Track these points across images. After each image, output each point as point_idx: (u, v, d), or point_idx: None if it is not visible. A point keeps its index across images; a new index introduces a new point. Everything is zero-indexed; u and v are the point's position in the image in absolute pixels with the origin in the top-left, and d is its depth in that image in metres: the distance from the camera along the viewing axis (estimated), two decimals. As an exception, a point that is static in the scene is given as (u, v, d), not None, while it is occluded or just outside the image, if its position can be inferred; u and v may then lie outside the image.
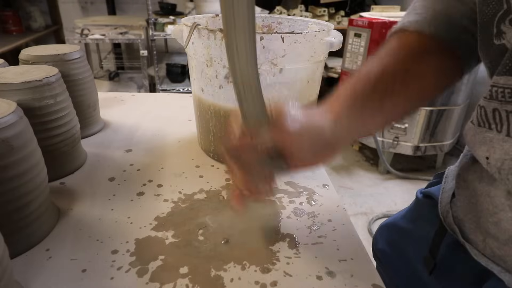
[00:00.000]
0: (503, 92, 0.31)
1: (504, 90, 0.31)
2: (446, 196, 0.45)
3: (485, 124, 0.34)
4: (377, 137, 2.04)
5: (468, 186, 0.40)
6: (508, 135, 0.31)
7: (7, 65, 0.58)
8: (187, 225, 0.46)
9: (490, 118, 0.33)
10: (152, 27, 2.34)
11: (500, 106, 0.32)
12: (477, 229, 0.39)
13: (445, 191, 0.47)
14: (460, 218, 0.42)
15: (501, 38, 0.31)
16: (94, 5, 2.99)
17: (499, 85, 0.31)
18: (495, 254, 0.37)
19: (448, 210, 0.44)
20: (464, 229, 0.41)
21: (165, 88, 2.55)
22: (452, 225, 0.43)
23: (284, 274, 0.39)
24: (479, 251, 0.39)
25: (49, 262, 0.39)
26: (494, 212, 0.36)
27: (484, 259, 0.38)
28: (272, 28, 0.66)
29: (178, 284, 0.37)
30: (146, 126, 0.74)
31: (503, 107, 0.31)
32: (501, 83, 0.31)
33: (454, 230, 0.42)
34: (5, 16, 2.57)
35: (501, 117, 0.32)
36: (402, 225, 0.56)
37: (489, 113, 0.33)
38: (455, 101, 1.93)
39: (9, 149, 0.37)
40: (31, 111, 0.47)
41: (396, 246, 0.55)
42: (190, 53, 0.56)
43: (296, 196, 0.53)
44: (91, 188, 0.53)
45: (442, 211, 0.45)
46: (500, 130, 0.32)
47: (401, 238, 0.55)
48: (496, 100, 0.32)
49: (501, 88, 0.31)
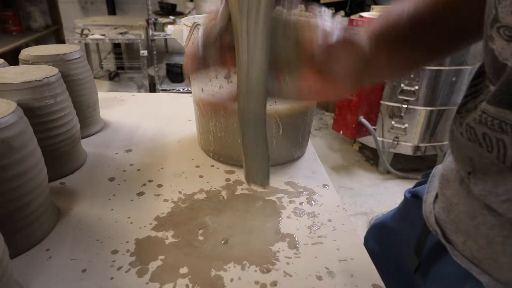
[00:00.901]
0: (492, 121, 0.30)
1: (494, 120, 0.30)
2: (430, 196, 0.45)
3: (476, 141, 0.33)
4: (377, 137, 2.04)
5: (450, 187, 0.40)
6: (498, 158, 0.31)
7: (7, 65, 0.58)
8: (187, 225, 0.46)
9: (480, 139, 0.32)
10: (152, 27, 2.34)
11: (489, 132, 0.31)
12: (458, 230, 0.39)
13: (430, 190, 0.46)
14: (442, 219, 0.41)
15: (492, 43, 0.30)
16: (94, 5, 2.99)
17: (489, 113, 0.31)
18: (474, 256, 0.37)
19: (431, 210, 0.44)
20: (446, 229, 0.41)
21: (165, 88, 2.55)
22: (434, 225, 0.42)
23: (284, 274, 0.39)
24: (460, 252, 0.38)
25: (49, 262, 0.39)
26: (474, 215, 0.35)
27: (464, 261, 0.38)
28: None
29: (178, 284, 0.37)
30: (146, 126, 0.74)
31: (492, 134, 0.31)
32: (491, 112, 0.30)
33: (436, 230, 0.42)
34: (5, 16, 2.57)
35: (492, 141, 0.31)
36: (391, 224, 0.56)
37: (479, 135, 0.32)
38: (455, 101, 1.93)
39: (9, 149, 0.37)
40: (31, 111, 0.47)
41: (385, 246, 0.55)
42: (190, 53, 0.56)
43: (296, 196, 0.53)
44: (91, 188, 0.53)
45: (425, 211, 0.45)
46: (491, 151, 0.31)
47: (390, 237, 0.55)
48: (485, 126, 0.31)
49: (490, 117, 0.30)
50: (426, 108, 1.93)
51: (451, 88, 1.89)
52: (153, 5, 2.45)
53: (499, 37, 0.29)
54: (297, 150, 0.63)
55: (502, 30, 0.28)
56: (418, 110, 1.94)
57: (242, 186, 0.55)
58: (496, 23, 0.29)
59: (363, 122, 2.00)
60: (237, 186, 0.55)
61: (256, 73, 0.31)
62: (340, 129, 2.12)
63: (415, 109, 1.94)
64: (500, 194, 0.31)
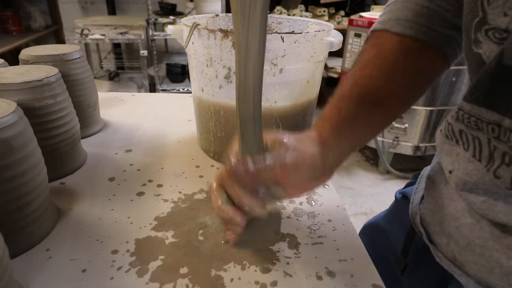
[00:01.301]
0: (468, 119, 0.30)
1: (470, 118, 0.30)
2: (417, 197, 0.45)
3: (453, 138, 0.33)
4: (377, 137, 2.04)
5: (435, 188, 0.40)
6: (474, 155, 0.31)
7: (7, 65, 0.58)
8: (187, 225, 0.46)
9: (457, 136, 0.32)
10: (152, 27, 2.34)
11: (466, 129, 0.31)
12: (441, 232, 0.39)
13: (417, 191, 0.46)
14: (427, 220, 0.42)
15: (478, 46, 0.30)
16: (94, 5, 2.99)
17: (465, 110, 0.30)
18: (456, 258, 0.37)
19: (417, 211, 0.44)
20: (430, 231, 0.41)
21: (165, 88, 2.55)
22: (419, 226, 0.42)
23: (284, 274, 0.39)
24: (443, 254, 0.39)
25: (49, 262, 0.39)
26: (456, 217, 0.36)
27: (446, 262, 0.38)
28: (272, 28, 0.66)
29: (178, 284, 0.37)
30: (146, 126, 0.74)
31: (469, 131, 0.31)
32: (467, 109, 0.30)
33: (421, 231, 0.42)
34: (5, 16, 2.57)
35: (468, 139, 0.31)
36: (382, 225, 0.56)
37: (456, 132, 0.32)
38: (455, 101, 1.93)
39: (9, 149, 0.37)
40: (31, 111, 0.47)
41: (376, 246, 0.55)
42: (190, 53, 0.56)
43: (296, 196, 0.53)
44: (91, 188, 0.53)
45: (412, 212, 0.45)
46: (467, 149, 0.31)
47: (380, 238, 0.55)
48: (462, 123, 0.31)
49: (467, 114, 0.30)
50: (426, 108, 1.93)
51: (451, 88, 1.89)
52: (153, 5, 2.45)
53: (488, 40, 0.28)
54: (297, 150, 0.63)
55: (492, 32, 0.28)
56: (418, 110, 1.94)
57: (242, 186, 0.55)
58: (483, 26, 0.28)
59: (363, 122, 1.99)
60: (237, 186, 0.55)
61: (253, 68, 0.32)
62: (340, 129, 2.12)
63: (415, 109, 1.94)
64: (479, 194, 0.31)
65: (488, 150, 0.29)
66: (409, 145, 2.03)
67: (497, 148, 0.28)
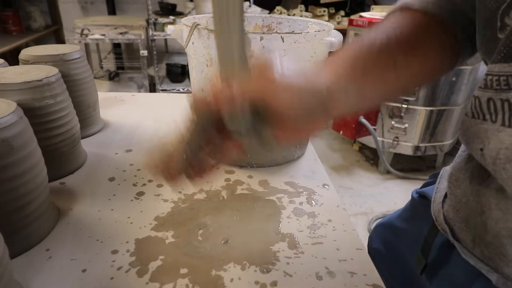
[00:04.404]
0: (498, 80, 0.30)
1: (500, 78, 0.30)
2: (439, 196, 0.45)
3: (480, 115, 0.33)
4: (377, 137, 2.04)
5: (459, 185, 0.40)
6: (503, 124, 0.31)
7: (7, 65, 0.58)
8: (187, 225, 0.46)
9: (485, 109, 0.32)
10: (152, 27, 2.34)
11: (494, 95, 0.31)
12: (466, 228, 0.39)
13: (438, 191, 0.46)
14: (451, 217, 0.41)
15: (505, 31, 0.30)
16: (94, 5, 2.99)
17: (494, 73, 0.31)
18: (483, 254, 0.37)
19: (440, 209, 0.44)
20: (455, 228, 0.41)
21: (165, 88, 2.55)
22: (443, 224, 0.42)
23: (284, 274, 0.39)
24: (469, 250, 0.38)
25: (49, 262, 0.39)
26: (482, 211, 0.35)
27: (473, 259, 0.38)
28: (272, 28, 0.66)
29: (178, 284, 0.37)
30: (146, 126, 0.74)
31: (497, 96, 0.31)
32: (495, 71, 0.30)
33: (444, 229, 0.42)
34: (5, 16, 2.57)
35: (496, 107, 0.31)
36: (397, 224, 0.56)
37: (484, 103, 0.32)
38: (455, 101, 1.93)
39: (9, 149, 0.37)
40: (31, 111, 0.47)
41: (391, 246, 0.55)
42: (190, 53, 0.56)
43: (296, 196, 0.53)
44: (91, 188, 0.53)
45: (434, 210, 0.45)
46: (495, 120, 0.31)
47: (396, 237, 0.55)
48: (491, 89, 0.31)
49: (496, 76, 0.30)
50: (426, 108, 1.93)
51: (451, 88, 1.89)
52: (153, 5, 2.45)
53: None
54: (297, 150, 0.63)
55: None
56: (418, 110, 1.94)
57: (242, 186, 0.55)
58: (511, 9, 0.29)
59: (363, 122, 2.00)
60: (237, 186, 0.55)
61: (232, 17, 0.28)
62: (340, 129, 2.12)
63: (415, 109, 1.94)
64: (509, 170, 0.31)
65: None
66: (409, 145, 2.03)
67: None
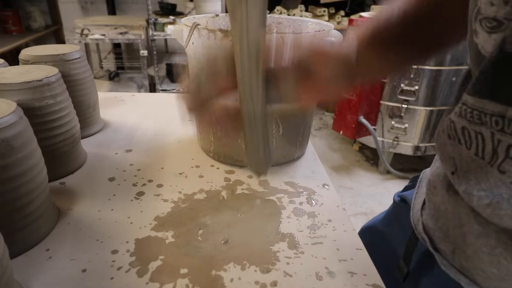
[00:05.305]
0: (471, 113, 0.30)
1: (473, 111, 0.29)
2: (418, 202, 0.44)
3: (455, 138, 0.32)
4: (377, 137, 2.04)
5: (437, 193, 0.39)
6: (476, 154, 0.30)
7: (7, 65, 0.58)
8: (187, 225, 0.46)
9: (460, 134, 0.32)
10: (152, 27, 2.34)
11: (469, 126, 0.30)
12: (446, 239, 0.38)
13: (418, 196, 0.45)
14: (430, 227, 0.41)
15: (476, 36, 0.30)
16: (94, 5, 2.99)
17: (468, 104, 0.30)
18: (463, 266, 0.36)
19: (419, 218, 0.43)
20: (434, 238, 0.40)
21: (165, 88, 2.55)
22: (422, 233, 0.41)
23: (284, 274, 0.39)
24: (448, 261, 0.38)
25: (49, 262, 0.39)
26: (461, 223, 0.35)
27: (452, 270, 0.37)
28: (272, 28, 0.66)
29: (178, 284, 0.37)
30: (146, 126, 0.74)
31: (471, 127, 0.30)
32: (470, 103, 0.30)
33: (424, 238, 0.41)
34: (5, 16, 2.57)
35: (470, 136, 0.31)
36: (380, 228, 0.55)
37: (459, 130, 0.32)
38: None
39: (9, 149, 0.37)
40: (31, 111, 0.47)
41: (374, 249, 0.55)
42: (190, 53, 0.56)
43: (296, 196, 0.53)
44: (91, 188, 0.53)
45: (413, 218, 0.44)
46: (470, 147, 0.31)
47: (379, 241, 0.54)
48: (465, 119, 0.31)
49: (469, 108, 0.30)
50: (426, 108, 1.93)
51: (451, 88, 1.89)
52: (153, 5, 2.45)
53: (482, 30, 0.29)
54: (297, 150, 0.63)
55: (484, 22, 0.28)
56: (418, 110, 1.94)
57: (242, 186, 0.55)
58: (479, 15, 0.29)
59: (363, 122, 2.00)
60: (237, 186, 0.55)
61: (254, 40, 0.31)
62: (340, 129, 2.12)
63: (415, 109, 1.94)
64: (482, 197, 0.31)
65: (492, 145, 0.29)
66: (409, 145, 2.03)
67: (501, 141, 0.28)
